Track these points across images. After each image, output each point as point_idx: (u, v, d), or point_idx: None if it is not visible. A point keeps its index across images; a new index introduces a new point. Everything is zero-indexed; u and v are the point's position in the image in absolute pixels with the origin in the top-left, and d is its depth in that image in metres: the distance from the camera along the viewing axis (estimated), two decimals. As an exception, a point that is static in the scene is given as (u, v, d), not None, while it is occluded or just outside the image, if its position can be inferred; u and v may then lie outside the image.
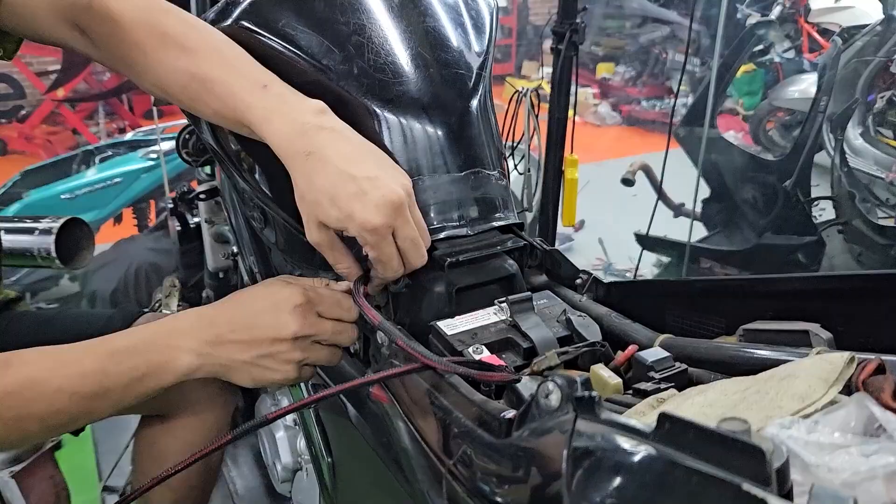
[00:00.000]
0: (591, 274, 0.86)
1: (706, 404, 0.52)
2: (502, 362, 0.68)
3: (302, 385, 0.99)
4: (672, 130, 2.35)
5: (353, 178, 0.71)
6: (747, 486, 0.29)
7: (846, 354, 0.48)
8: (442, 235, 0.82)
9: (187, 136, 1.33)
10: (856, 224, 2.06)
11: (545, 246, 0.88)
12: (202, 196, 1.32)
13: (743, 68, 5.16)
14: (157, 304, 2.19)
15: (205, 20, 0.91)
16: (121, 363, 0.74)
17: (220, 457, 1.26)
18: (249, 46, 0.86)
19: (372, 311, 0.70)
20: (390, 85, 0.82)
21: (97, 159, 3.44)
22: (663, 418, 0.36)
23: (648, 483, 0.33)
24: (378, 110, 0.81)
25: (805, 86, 4.80)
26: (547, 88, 2.05)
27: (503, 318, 0.78)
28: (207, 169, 1.51)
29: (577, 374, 0.44)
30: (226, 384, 1.21)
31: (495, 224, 0.85)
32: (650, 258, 3.31)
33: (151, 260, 3.10)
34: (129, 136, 3.65)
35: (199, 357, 0.76)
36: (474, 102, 0.87)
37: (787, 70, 5.87)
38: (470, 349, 0.71)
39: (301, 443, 1.16)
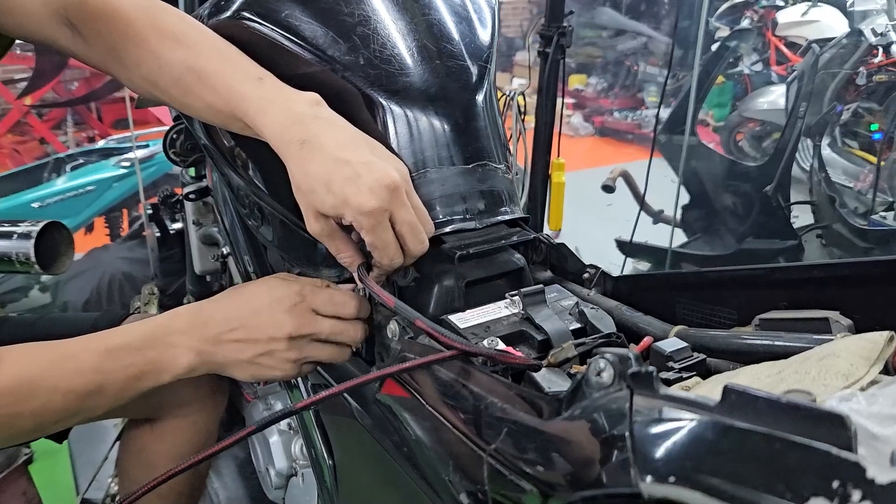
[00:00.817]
0: (599, 268, 0.86)
1: (740, 388, 0.52)
2: (520, 353, 0.67)
3: (301, 386, 0.97)
4: (655, 138, 2.38)
5: (347, 162, 0.70)
6: (837, 451, 0.28)
7: (885, 333, 0.47)
8: (449, 229, 0.81)
9: (174, 136, 1.30)
10: (836, 228, 2.09)
11: (552, 240, 0.87)
12: (191, 196, 1.29)
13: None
14: (135, 312, 2.15)
15: (201, 13, 0.90)
16: (118, 360, 0.72)
17: (209, 463, 1.23)
18: (250, 39, 0.84)
19: (385, 293, 0.69)
20: (397, 76, 0.81)
21: (68, 167, 3.37)
22: (728, 391, 0.35)
23: (725, 453, 0.32)
24: (384, 102, 0.80)
25: (774, 97, 4.90)
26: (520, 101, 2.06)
27: (515, 311, 0.77)
28: (192, 171, 1.48)
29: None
30: (215, 386, 1.18)
31: (503, 217, 0.84)
32: (629, 269, 3.34)
33: (125, 269, 3.03)
34: (101, 143, 3.58)
35: (197, 355, 0.74)
36: (480, 95, 0.86)
37: (755, 82, 6.00)
38: (485, 342, 0.70)
39: (296, 447, 1.13)
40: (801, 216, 2.52)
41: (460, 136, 0.83)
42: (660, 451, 0.33)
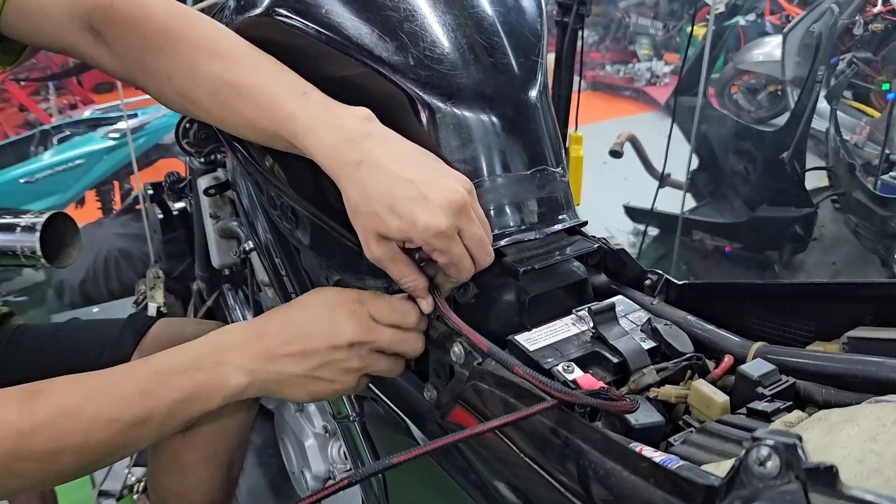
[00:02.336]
0: (662, 274, 0.82)
1: (866, 438, 0.48)
2: (602, 383, 0.63)
3: (345, 400, 0.93)
4: (676, 97, 2.31)
5: (410, 182, 0.65)
6: None
7: None
8: (506, 241, 0.76)
9: (188, 125, 1.23)
10: (856, 195, 2.06)
11: (612, 246, 0.83)
12: (211, 191, 1.23)
13: (700, 31, 5.16)
14: (141, 297, 2.09)
15: (228, 13, 0.83)
16: (164, 382, 0.67)
17: (240, 467, 1.20)
18: (285, 38, 0.78)
19: (475, 334, 0.64)
20: (450, 77, 0.75)
21: (55, 140, 3.26)
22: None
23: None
24: (437, 106, 0.74)
25: (769, 48, 4.82)
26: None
27: (584, 328, 0.73)
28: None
29: (779, 427, 0.39)
30: None
31: (562, 226, 0.79)
32: (628, 229, 3.31)
33: (121, 246, 2.97)
34: (87, 113, 3.46)
35: (249, 374, 0.70)
36: (534, 92, 0.81)
37: (749, 33, 5.91)
38: (559, 367, 0.66)
39: (333, 451, 1.10)
40: (811, 178, 2.49)
41: (517, 139, 0.78)
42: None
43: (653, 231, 2.84)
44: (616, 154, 2.62)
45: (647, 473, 0.44)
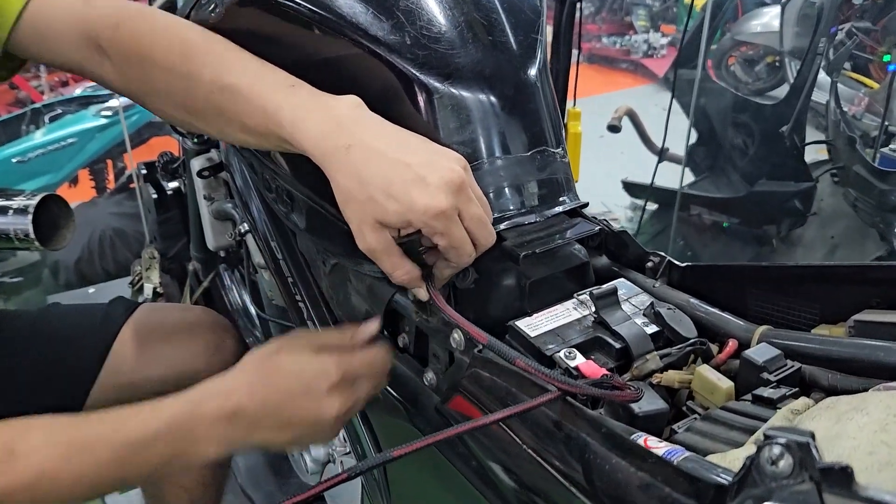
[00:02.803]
0: (664, 256, 0.80)
1: (877, 428, 0.47)
2: (605, 370, 0.63)
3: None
4: (675, 70, 2.28)
5: (406, 164, 0.63)
6: None
7: None
8: (506, 225, 0.75)
9: (179, 106, 1.20)
10: (856, 169, 2.04)
11: (613, 229, 0.82)
12: (204, 174, 1.21)
13: (700, 1, 5.11)
14: (136, 278, 2.07)
15: None
16: (138, 454, 0.65)
17: (224, 481, 1.21)
18: (278, 20, 0.76)
19: (475, 328, 0.63)
20: (448, 57, 0.73)
21: (46, 118, 3.22)
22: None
23: None
24: (437, 86, 0.72)
25: (768, 19, 4.77)
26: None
27: (585, 313, 0.72)
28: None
29: (785, 421, 0.38)
30: None
31: (562, 208, 0.78)
32: (625, 204, 3.29)
33: (115, 225, 2.94)
34: (78, 91, 3.41)
35: (228, 446, 0.67)
36: (533, 71, 0.79)
37: (747, 4, 5.84)
38: (561, 354, 0.65)
39: (333, 434, 1.09)
40: (810, 152, 2.47)
41: (517, 120, 0.76)
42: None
43: (651, 206, 2.83)
44: (614, 129, 2.59)
45: (656, 470, 0.43)
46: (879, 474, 0.42)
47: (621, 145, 3.27)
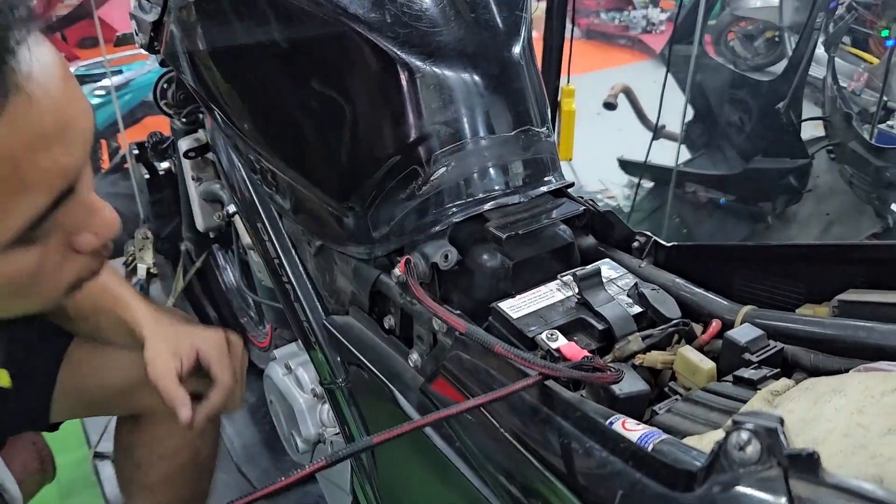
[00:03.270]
0: (650, 236, 0.80)
1: (853, 410, 0.47)
2: (586, 352, 0.62)
3: (331, 367, 0.92)
4: (671, 45, 2.25)
5: None
6: None
7: None
8: (490, 205, 0.74)
9: (165, 86, 1.19)
10: (852, 146, 2.03)
11: (599, 208, 0.81)
12: (191, 154, 1.20)
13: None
14: (130, 258, 2.07)
15: None
16: None
17: (214, 462, 1.18)
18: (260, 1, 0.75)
19: (454, 317, 0.63)
20: (429, 35, 0.72)
21: (39, 98, 3.18)
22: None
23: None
24: (419, 65, 0.71)
25: (767, -7, 4.72)
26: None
27: (569, 294, 0.72)
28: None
29: (755, 405, 0.38)
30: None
31: (547, 188, 0.77)
32: (622, 182, 3.27)
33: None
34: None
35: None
36: (517, 49, 0.78)
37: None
38: (543, 336, 0.65)
39: (323, 413, 1.10)
40: (807, 128, 2.45)
41: (501, 99, 0.75)
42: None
43: (647, 184, 2.81)
44: (610, 106, 2.57)
45: (628, 455, 0.43)
46: (853, 457, 0.42)
47: (619, 122, 3.25)
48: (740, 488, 0.34)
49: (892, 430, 0.43)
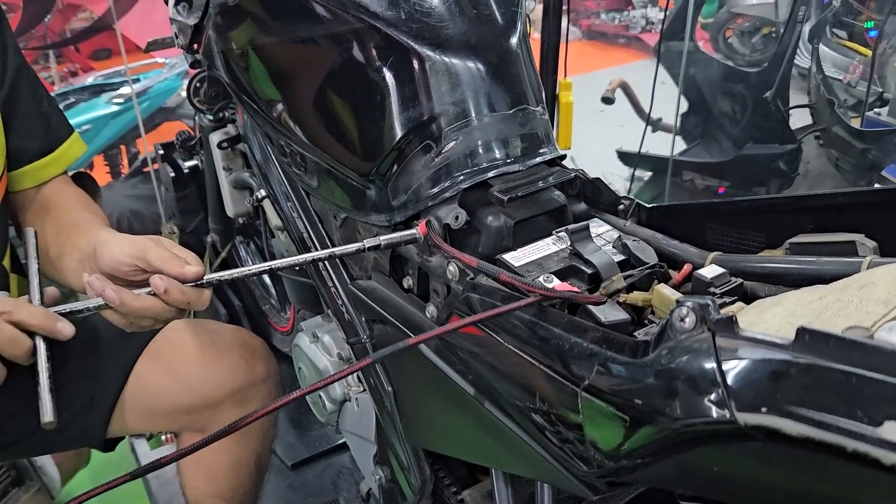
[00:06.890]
0: (634, 199, 0.91)
1: (786, 314, 0.59)
2: (575, 289, 0.74)
3: (359, 324, 1.04)
4: (661, 41, 2.37)
5: None
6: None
7: (918, 262, 0.54)
8: (493, 173, 0.86)
9: (198, 84, 1.32)
10: (835, 130, 2.14)
11: (588, 176, 0.93)
12: (224, 145, 1.32)
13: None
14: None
15: None
16: None
17: (267, 464, 1.30)
18: (290, 2, 0.87)
19: (466, 255, 0.75)
20: (438, 29, 0.84)
21: (60, 107, 3.33)
22: (802, 331, 0.41)
23: (809, 387, 0.39)
24: (430, 54, 0.84)
25: (763, -10, 4.81)
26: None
27: (563, 246, 0.83)
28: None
29: (698, 297, 0.49)
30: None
31: (542, 158, 0.89)
32: (624, 173, 3.39)
33: (132, 207, 3.06)
34: (90, 80, 3.52)
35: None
36: (514, 39, 0.90)
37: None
38: (541, 279, 0.77)
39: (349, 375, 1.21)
40: (796, 116, 2.56)
41: (500, 83, 0.87)
42: (750, 386, 0.41)
43: (647, 174, 2.93)
44: (608, 100, 2.69)
45: (600, 340, 0.55)
46: (780, 342, 0.54)
47: (620, 119, 3.37)
48: (681, 349, 0.46)
49: (812, 323, 0.55)
